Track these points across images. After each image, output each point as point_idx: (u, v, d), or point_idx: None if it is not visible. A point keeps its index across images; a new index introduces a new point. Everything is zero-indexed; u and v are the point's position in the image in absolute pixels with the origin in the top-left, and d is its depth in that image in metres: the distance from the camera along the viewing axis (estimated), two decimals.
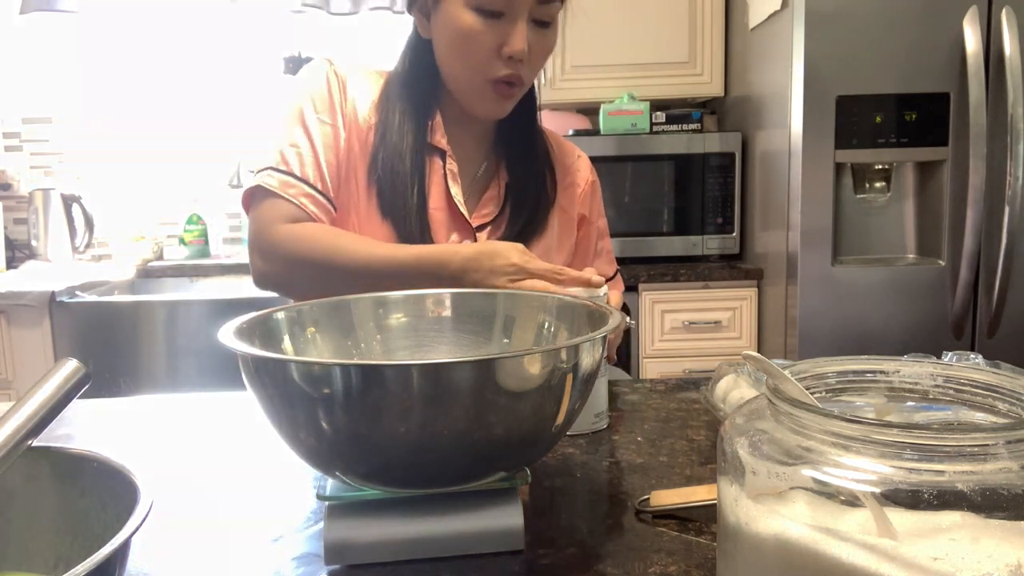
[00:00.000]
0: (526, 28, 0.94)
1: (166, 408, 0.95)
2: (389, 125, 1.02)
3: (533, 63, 0.98)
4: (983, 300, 1.97)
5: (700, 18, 2.49)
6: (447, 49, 0.99)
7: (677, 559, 0.54)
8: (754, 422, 0.41)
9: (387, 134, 1.01)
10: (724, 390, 0.75)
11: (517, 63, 0.95)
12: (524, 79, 0.98)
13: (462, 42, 0.96)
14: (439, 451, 0.50)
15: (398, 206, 1.00)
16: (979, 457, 0.33)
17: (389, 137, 1.01)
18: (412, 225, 1.00)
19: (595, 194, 1.21)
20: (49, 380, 0.45)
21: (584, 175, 1.19)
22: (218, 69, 2.81)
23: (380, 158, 1.01)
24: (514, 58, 0.94)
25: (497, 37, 0.94)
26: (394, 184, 1.00)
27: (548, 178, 1.12)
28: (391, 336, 0.74)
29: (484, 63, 0.96)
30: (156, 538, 0.59)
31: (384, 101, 1.04)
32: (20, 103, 2.80)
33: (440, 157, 1.05)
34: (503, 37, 0.94)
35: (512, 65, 0.95)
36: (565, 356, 0.52)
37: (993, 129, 1.89)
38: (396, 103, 1.03)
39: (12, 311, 2.13)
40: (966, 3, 1.88)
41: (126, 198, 2.85)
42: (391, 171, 1.00)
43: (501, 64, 0.95)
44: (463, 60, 0.97)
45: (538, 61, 1.00)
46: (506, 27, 0.94)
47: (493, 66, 0.96)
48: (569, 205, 1.16)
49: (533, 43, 0.96)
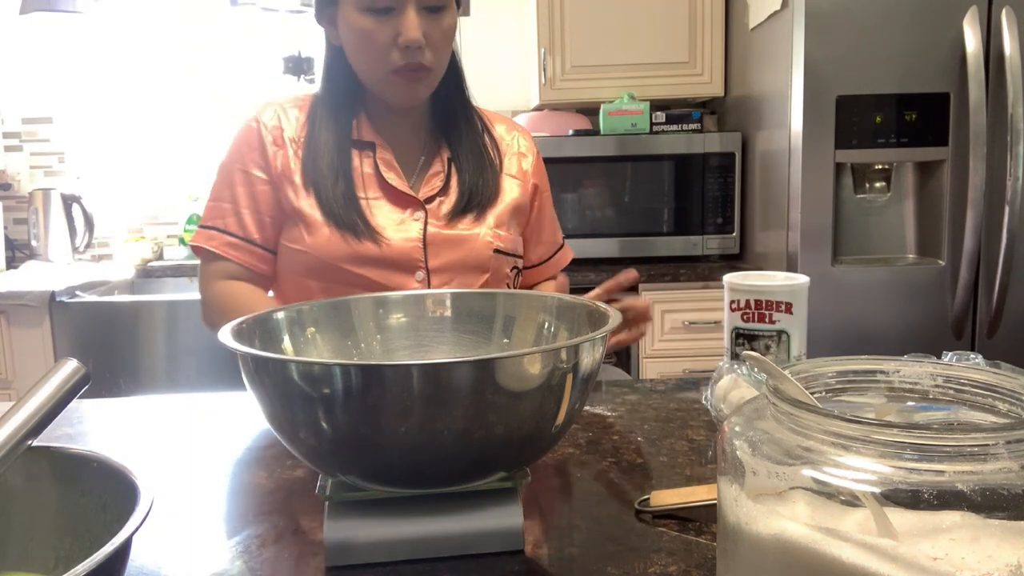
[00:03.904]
0: (416, 17, 1.02)
1: (166, 408, 0.95)
2: (312, 133, 1.10)
3: (435, 47, 1.05)
4: (983, 300, 1.97)
5: (700, 18, 2.49)
6: (352, 50, 1.08)
7: (677, 559, 0.54)
8: (754, 422, 0.41)
9: (310, 141, 1.10)
10: (724, 390, 0.75)
11: (415, 51, 1.03)
12: (428, 64, 1.05)
13: (361, 41, 1.04)
14: (439, 451, 0.50)
15: (331, 200, 1.07)
16: (979, 457, 0.33)
17: (312, 143, 1.10)
18: (349, 215, 1.07)
19: (541, 163, 1.28)
20: (49, 380, 0.45)
21: (528, 145, 1.26)
22: (218, 69, 2.81)
23: (308, 162, 1.09)
24: (410, 47, 1.02)
25: (391, 30, 1.02)
26: (319, 181, 1.08)
27: (490, 146, 1.19)
28: (391, 336, 0.74)
29: (384, 56, 1.04)
30: (156, 538, 0.59)
31: (310, 115, 1.12)
32: (20, 103, 2.79)
33: (369, 149, 1.12)
34: (396, 29, 1.02)
35: (410, 54, 1.03)
36: (565, 356, 0.52)
37: (993, 129, 1.89)
38: (319, 111, 1.12)
39: (12, 311, 2.13)
40: (966, 3, 1.88)
41: (126, 198, 2.85)
42: (315, 170, 1.08)
43: (399, 54, 1.03)
44: (366, 57, 1.06)
45: (440, 44, 1.06)
46: (397, 20, 1.02)
47: (392, 57, 1.03)
48: (520, 174, 1.22)
49: (428, 29, 1.03)
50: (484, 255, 1.13)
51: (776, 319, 0.82)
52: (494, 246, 1.14)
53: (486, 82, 1.25)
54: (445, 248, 1.11)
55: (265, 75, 2.76)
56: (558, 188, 2.35)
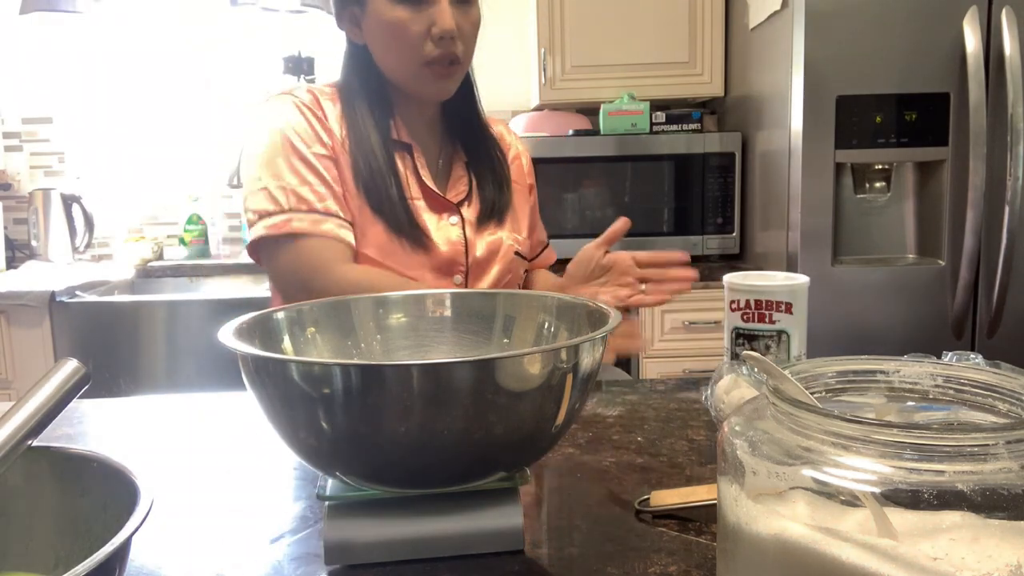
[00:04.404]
0: (449, 7, 1.02)
1: (166, 408, 0.95)
2: (358, 129, 1.08)
3: (465, 39, 1.06)
4: (983, 300, 1.97)
5: (700, 18, 2.49)
6: (382, 45, 1.06)
7: (677, 559, 0.54)
8: (754, 422, 0.41)
9: (358, 138, 1.08)
10: (724, 390, 0.75)
11: (448, 41, 1.03)
12: (459, 56, 1.05)
13: (395, 33, 1.03)
14: (439, 451, 0.50)
15: (384, 201, 1.06)
16: (979, 457, 0.33)
17: (361, 140, 1.08)
18: (400, 217, 1.06)
19: (531, 163, 1.30)
20: (49, 380, 0.45)
21: (520, 148, 1.28)
22: (218, 69, 2.81)
23: (359, 160, 1.07)
24: (444, 37, 1.02)
25: (425, 21, 1.02)
26: (375, 181, 1.06)
27: (498, 154, 1.20)
28: (391, 336, 0.74)
29: (418, 48, 1.03)
30: (156, 538, 0.59)
31: (347, 110, 1.10)
32: (20, 103, 2.79)
33: (407, 151, 1.12)
34: (430, 20, 1.02)
35: (444, 44, 1.03)
36: (565, 356, 0.52)
37: (993, 129, 1.89)
38: (356, 109, 1.10)
39: (12, 311, 2.13)
40: (966, 3, 1.88)
41: (126, 198, 2.85)
42: (370, 169, 1.06)
43: (433, 45, 1.03)
44: (399, 50, 1.05)
45: (469, 37, 1.06)
46: (431, 10, 1.02)
47: (426, 48, 1.03)
48: (519, 176, 1.25)
49: (459, 20, 1.03)
50: (508, 258, 1.17)
51: (776, 319, 0.82)
52: (515, 248, 1.18)
53: (486, 82, 1.24)
54: (482, 251, 1.13)
55: (265, 75, 2.75)
56: (558, 188, 2.35)
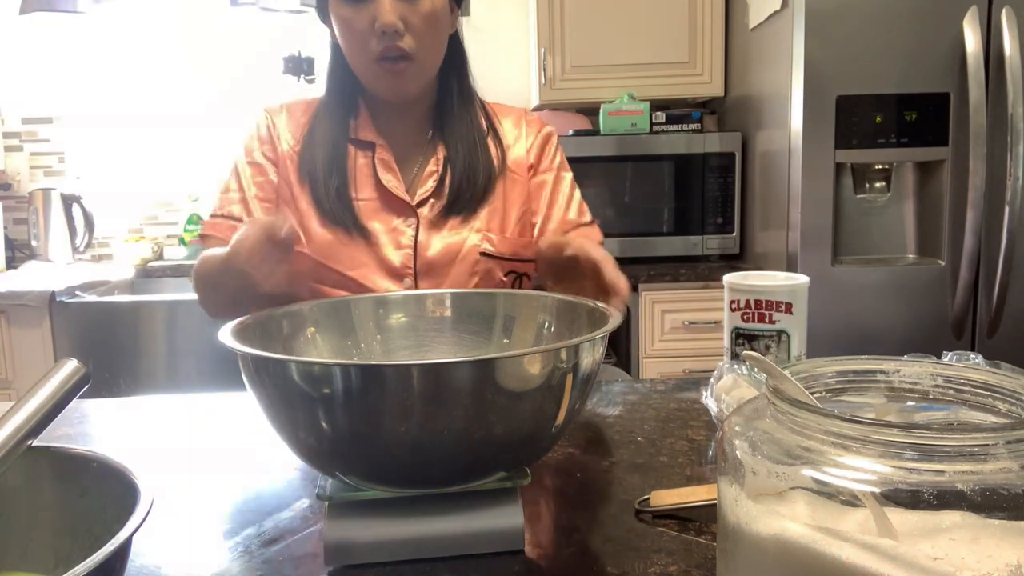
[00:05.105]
0: (390, 2, 1.01)
1: (166, 408, 0.95)
2: (313, 129, 1.11)
3: (416, 34, 1.04)
4: (983, 300, 1.97)
5: (700, 18, 2.48)
6: (341, 44, 1.08)
7: (677, 559, 0.54)
8: (754, 422, 0.41)
9: (310, 136, 1.11)
10: (724, 390, 0.75)
11: (392, 35, 1.02)
12: (409, 51, 1.04)
13: (343, 30, 1.05)
14: (439, 451, 0.50)
15: (323, 199, 1.08)
16: (979, 457, 0.33)
17: (311, 138, 1.11)
18: (341, 216, 1.07)
19: (548, 144, 1.22)
20: (49, 380, 0.45)
21: (535, 130, 1.22)
22: (218, 69, 2.80)
23: (303, 157, 1.10)
24: (387, 32, 1.01)
25: (367, 17, 1.02)
26: (313, 174, 1.08)
27: (492, 146, 1.16)
28: (391, 336, 0.74)
29: (365, 45, 1.04)
30: (156, 538, 0.59)
31: (314, 114, 1.13)
32: (20, 103, 2.79)
33: (368, 149, 1.12)
34: (372, 15, 1.02)
35: (386, 39, 1.02)
36: (565, 356, 0.52)
37: (993, 129, 1.89)
38: (320, 108, 1.13)
39: (12, 311, 2.13)
40: (966, 3, 1.88)
41: (126, 198, 2.85)
42: (311, 163, 1.09)
43: (376, 41, 1.03)
44: (350, 48, 1.06)
45: (422, 31, 1.05)
46: (371, 6, 1.02)
47: (371, 44, 1.03)
48: (516, 165, 1.18)
49: (406, 14, 1.03)
50: (471, 259, 1.10)
51: (776, 319, 0.82)
52: (481, 248, 1.10)
53: (486, 82, 1.23)
54: (434, 255, 1.09)
55: (265, 75, 2.75)
56: None
